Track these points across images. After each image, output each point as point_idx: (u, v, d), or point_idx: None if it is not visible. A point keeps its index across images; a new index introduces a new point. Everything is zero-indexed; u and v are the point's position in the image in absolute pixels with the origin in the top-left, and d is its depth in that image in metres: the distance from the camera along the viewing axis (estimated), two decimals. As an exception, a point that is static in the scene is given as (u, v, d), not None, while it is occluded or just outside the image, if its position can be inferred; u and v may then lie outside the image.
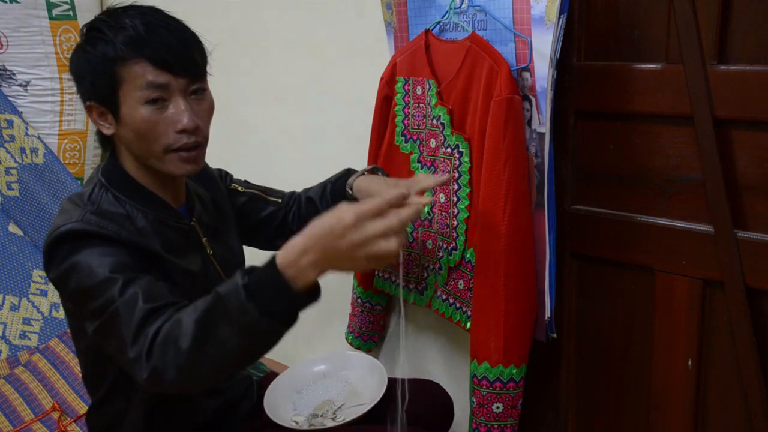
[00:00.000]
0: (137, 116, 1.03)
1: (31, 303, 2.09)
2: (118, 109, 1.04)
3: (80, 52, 1.06)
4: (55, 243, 1.00)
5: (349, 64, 1.70)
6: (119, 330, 0.94)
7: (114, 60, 1.02)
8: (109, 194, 1.07)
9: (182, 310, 0.93)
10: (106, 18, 1.06)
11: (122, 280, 0.96)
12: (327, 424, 1.25)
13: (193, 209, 1.18)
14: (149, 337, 0.91)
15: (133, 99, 1.02)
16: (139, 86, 1.02)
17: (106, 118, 1.07)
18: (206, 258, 1.16)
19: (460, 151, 1.31)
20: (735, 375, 1.20)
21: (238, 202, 1.36)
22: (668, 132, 1.20)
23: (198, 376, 0.93)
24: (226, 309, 0.88)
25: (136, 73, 1.02)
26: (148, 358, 0.91)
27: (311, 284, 0.89)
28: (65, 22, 2.21)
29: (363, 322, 1.65)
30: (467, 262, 1.34)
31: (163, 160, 1.06)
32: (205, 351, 0.89)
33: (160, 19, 1.06)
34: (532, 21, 1.17)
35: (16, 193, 2.18)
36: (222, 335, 0.88)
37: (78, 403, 1.82)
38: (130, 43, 1.02)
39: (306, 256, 0.87)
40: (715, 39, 1.11)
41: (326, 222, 0.87)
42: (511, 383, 1.27)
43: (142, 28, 1.02)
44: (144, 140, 1.04)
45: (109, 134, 1.08)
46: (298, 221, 1.37)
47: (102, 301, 0.96)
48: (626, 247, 1.28)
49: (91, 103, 1.07)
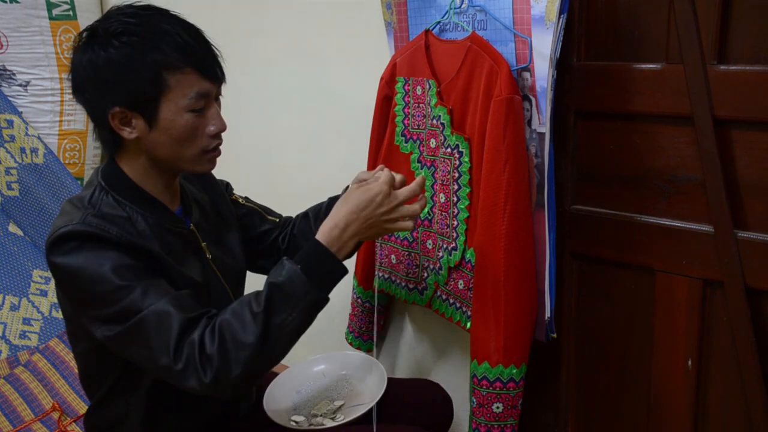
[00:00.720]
0: (180, 122, 1.04)
1: (31, 303, 2.09)
2: (156, 115, 1.03)
3: (111, 57, 1.01)
4: (56, 243, 1.00)
5: (349, 64, 1.70)
6: (149, 339, 0.97)
7: (163, 66, 1.01)
8: (110, 197, 1.06)
9: (221, 313, 0.99)
10: (138, 21, 1.02)
11: (141, 288, 0.98)
12: (327, 424, 1.25)
13: (190, 212, 1.18)
14: (196, 345, 0.96)
15: (177, 106, 1.03)
16: (187, 95, 1.03)
17: (130, 123, 1.04)
18: (205, 263, 1.16)
19: (460, 151, 1.31)
20: (735, 375, 1.20)
21: (237, 213, 1.35)
22: (668, 132, 1.20)
23: (264, 364, 1.00)
24: (287, 294, 0.98)
25: (186, 82, 1.03)
26: (204, 363, 0.96)
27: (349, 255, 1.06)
28: (65, 22, 2.21)
29: (363, 322, 1.65)
30: (467, 262, 1.34)
31: (196, 162, 1.10)
32: (271, 338, 0.97)
33: (192, 25, 1.08)
34: (532, 21, 1.17)
35: (16, 193, 2.18)
36: (286, 319, 0.98)
37: (78, 403, 1.82)
38: (181, 51, 1.02)
39: (349, 229, 1.04)
40: (715, 39, 1.11)
41: (364, 196, 1.05)
42: (511, 383, 1.27)
43: (187, 36, 1.03)
44: (181, 144, 1.06)
45: (131, 138, 1.05)
46: (289, 241, 1.37)
47: (120, 308, 0.97)
48: (626, 247, 1.28)
49: (118, 109, 1.03)
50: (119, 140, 1.07)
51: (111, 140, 1.08)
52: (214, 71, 1.06)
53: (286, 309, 0.98)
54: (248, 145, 2.03)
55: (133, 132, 1.05)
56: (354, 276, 1.64)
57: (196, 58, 1.04)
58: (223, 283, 1.18)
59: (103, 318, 0.99)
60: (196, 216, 1.18)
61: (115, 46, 1.01)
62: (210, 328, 0.97)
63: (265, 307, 0.97)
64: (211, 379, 0.95)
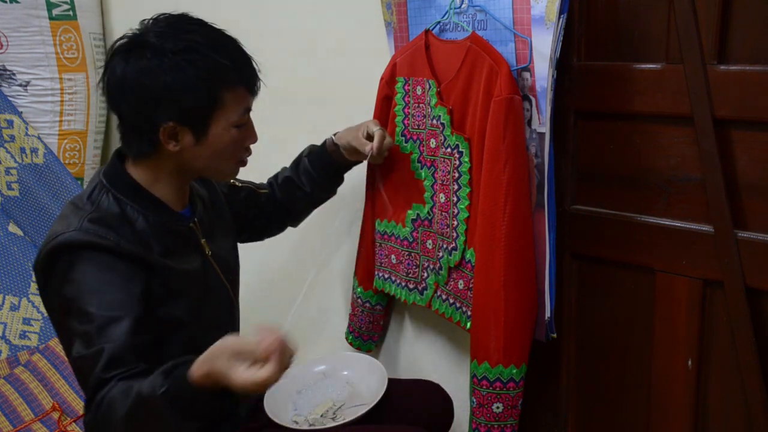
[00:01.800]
0: (227, 137, 1.06)
1: (31, 303, 2.09)
2: (205, 130, 1.04)
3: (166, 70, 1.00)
4: (52, 254, 1.00)
5: (349, 64, 1.70)
6: (81, 377, 1.00)
7: (221, 84, 1.02)
8: (110, 195, 1.06)
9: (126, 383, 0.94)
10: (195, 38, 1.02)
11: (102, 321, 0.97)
12: (327, 424, 1.25)
13: (196, 210, 1.18)
14: (96, 404, 0.96)
15: (227, 121, 1.05)
16: (238, 111, 1.06)
17: (176, 137, 1.04)
18: (205, 258, 1.16)
19: (460, 151, 1.31)
20: (735, 375, 1.20)
21: (239, 196, 1.38)
22: (668, 132, 1.20)
23: None
24: (150, 413, 0.92)
25: (238, 99, 1.05)
26: (93, 425, 0.97)
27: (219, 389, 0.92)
28: (65, 22, 2.21)
29: (363, 322, 1.65)
30: (467, 262, 1.34)
31: (227, 173, 1.13)
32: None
33: (237, 40, 1.09)
34: (532, 21, 1.17)
35: (16, 193, 2.18)
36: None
37: (78, 403, 1.82)
38: (237, 69, 1.04)
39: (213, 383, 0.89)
40: (715, 39, 1.11)
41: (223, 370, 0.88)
42: (511, 383, 1.27)
43: (239, 54, 1.05)
44: (221, 158, 1.08)
45: (173, 150, 1.05)
46: (275, 207, 1.43)
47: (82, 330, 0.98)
48: (626, 247, 1.28)
49: (171, 123, 1.02)
50: (154, 150, 1.06)
51: (145, 149, 1.07)
52: (258, 87, 1.10)
53: (149, 425, 0.94)
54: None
55: (178, 145, 1.05)
56: (354, 276, 1.64)
57: (248, 74, 1.06)
58: (222, 278, 1.20)
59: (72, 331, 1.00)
60: (200, 213, 1.19)
61: (173, 61, 1.00)
62: (109, 396, 0.95)
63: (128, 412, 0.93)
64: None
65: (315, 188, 1.44)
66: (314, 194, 1.46)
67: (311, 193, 1.45)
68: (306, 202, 1.47)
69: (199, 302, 1.10)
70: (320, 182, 1.44)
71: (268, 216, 1.45)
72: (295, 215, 1.50)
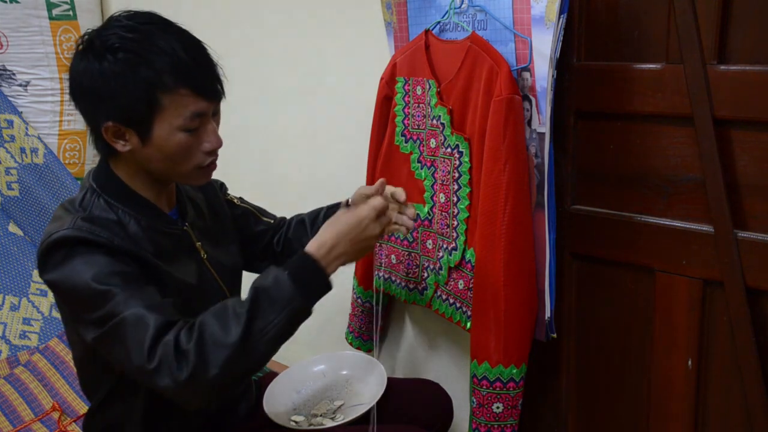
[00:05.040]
0: (173, 141, 1.03)
1: (31, 303, 2.09)
2: (149, 132, 1.02)
3: (105, 72, 0.99)
4: (48, 250, 1.00)
5: (349, 64, 1.70)
6: (125, 340, 0.95)
7: (158, 87, 0.99)
8: (101, 200, 1.06)
9: (201, 315, 0.97)
10: (134, 36, 1.00)
11: (123, 294, 0.96)
12: (326, 424, 1.25)
13: (185, 213, 1.17)
14: (171, 343, 0.93)
15: (171, 125, 1.02)
16: (181, 115, 1.01)
17: (123, 137, 1.03)
18: (201, 262, 1.15)
19: (460, 151, 1.31)
20: (735, 375, 1.20)
21: (233, 213, 1.35)
22: (668, 132, 1.20)
23: (242, 368, 0.98)
24: (272, 298, 0.97)
25: (180, 103, 1.01)
26: (179, 360, 0.93)
27: (333, 272, 1.05)
28: (65, 22, 2.21)
29: (363, 322, 1.65)
30: (467, 262, 1.34)
31: (190, 177, 1.09)
32: (251, 341, 0.95)
33: (192, 42, 1.05)
34: (532, 21, 1.17)
35: (16, 193, 2.18)
36: (269, 324, 0.96)
37: (78, 403, 1.82)
38: (177, 73, 1.00)
39: (335, 250, 1.04)
40: (715, 39, 1.11)
41: (351, 219, 1.06)
42: (511, 383, 1.27)
43: (184, 55, 1.01)
44: (174, 161, 1.05)
45: (123, 151, 1.04)
46: (284, 243, 1.37)
47: (103, 312, 0.96)
48: (626, 247, 1.28)
49: (110, 124, 1.02)
50: (110, 149, 1.06)
51: (104, 148, 1.07)
52: (211, 90, 1.04)
53: (270, 313, 0.96)
54: (248, 146, 2.03)
55: (126, 145, 1.04)
56: (354, 276, 1.64)
57: (192, 78, 1.01)
58: (219, 283, 1.18)
59: (89, 321, 0.99)
60: (191, 215, 1.18)
61: (109, 61, 0.99)
62: (188, 328, 0.96)
63: (249, 308, 0.95)
64: (186, 377, 0.92)
65: None
66: None
67: None
68: None
69: (193, 306, 1.09)
70: None
71: (271, 248, 1.39)
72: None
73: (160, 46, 0.99)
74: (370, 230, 1.08)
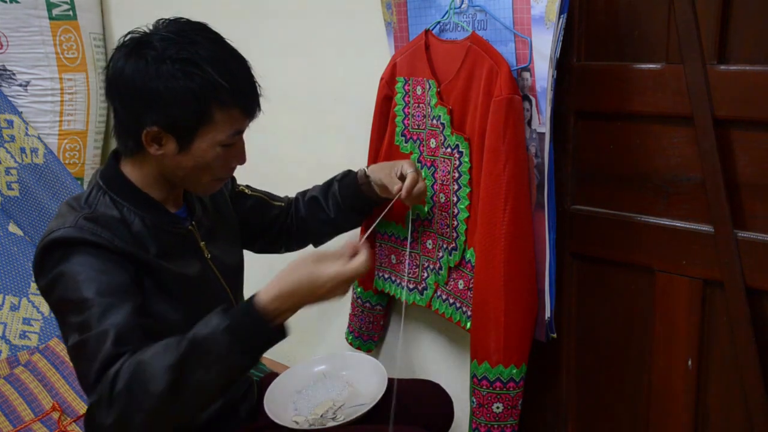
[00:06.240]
0: (211, 154, 1.04)
1: (31, 303, 2.09)
2: (190, 143, 1.02)
3: (163, 76, 0.98)
4: (46, 249, 1.00)
5: (349, 64, 1.70)
6: (82, 362, 0.95)
7: (214, 102, 1.00)
8: (107, 197, 1.06)
9: (144, 352, 0.93)
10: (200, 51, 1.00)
11: (102, 307, 0.95)
12: (327, 424, 1.25)
13: (194, 211, 1.18)
14: (108, 382, 0.91)
15: (213, 139, 1.03)
16: (227, 131, 1.04)
17: (160, 142, 1.03)
18: (204, 262, 1.16)
19: (460, 151, 1.31)
20: (735, 375, 1.20)
21: (245, 205, 1.36)
22: (668, 132, 1.20)
23: (169, 418, 0.94)
24: (207, 352, 0.91)
25: (229, 120, 1.03)
26: (110, 403, 0.90)
27: (283, 323, 0.97)
28: (65, 22, 2.21)
29: (363, 322, 1.65)
30: (467, 262, 1.34)
31: (206, 187, 1.11)
32: (181, 393, 0.91)
33: (243, 60, 1.06)
34: (532, 21, 1.17)
35: (16, 193, 2.18)
36: (201, 377, 0.91)
37: (78, 403, 1.82)
38: (235, 91, 1.01)
39: (290, 300, 0.95)
40: (715, 39, 1.11)
41: (324, 271, 0.95)
42: (511, 383, 1.27)
43: (241, 75, 1.03)
44: (201, 172, 1.06)
45: (156, 155, 1.04)
46: (298, 223, 1.40)
47: (81, 319, 0.96)
48: (626, 247, 1.28)
49: (155, 128, 1.01)
50: (139, 150, 1.06)
51: (131, 148, 1.06)
52: (255, 111, 1.07)
53: (201, 368, 0.91)
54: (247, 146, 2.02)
55: (159, 150, 1.04)
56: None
57: (246, 98, 1.04)
58: (222, 282, 1.19)
59: (69, 325, 0.99)
60: (199, 214, 1.19)
61: (171, 69, 0.98)
62: (131, 364, 0.91)
63: (179, 359, 0.90)
64: (112, 422, 0.90)
65: (339, 215, 1.40)
66: (338, 221, 1.41)
67: (335, 219, 1.40)
68: (329, 226, 1.43)
69: (196, 305, 1.09)
70: (345, 211, 1.39)
71: (285, 229, 1.41)
72: (316, 236, 1.46)
73: (219, 61, 1.01)
74: (339, 291, 0.97)
